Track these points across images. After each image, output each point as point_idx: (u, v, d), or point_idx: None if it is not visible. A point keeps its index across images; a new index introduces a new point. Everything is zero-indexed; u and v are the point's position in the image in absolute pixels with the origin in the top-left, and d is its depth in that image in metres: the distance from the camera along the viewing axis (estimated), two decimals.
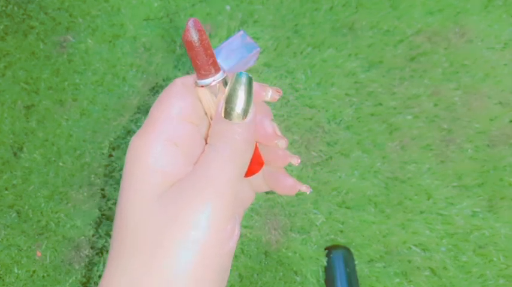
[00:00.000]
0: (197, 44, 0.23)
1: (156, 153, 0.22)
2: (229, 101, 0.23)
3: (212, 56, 0.23)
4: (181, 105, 0.24)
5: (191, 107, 0.24)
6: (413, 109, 1.04)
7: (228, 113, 0.23)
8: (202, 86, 0.24)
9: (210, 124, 0.25)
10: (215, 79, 0.24)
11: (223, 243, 0.21)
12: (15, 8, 1.09)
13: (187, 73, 1.05)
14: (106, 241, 0.95)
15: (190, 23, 0.22)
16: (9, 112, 1.02)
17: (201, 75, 0.24)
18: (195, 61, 0.23)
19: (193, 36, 0.22)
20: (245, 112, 0.23)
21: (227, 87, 0.23)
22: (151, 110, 0.24)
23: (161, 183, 0.22)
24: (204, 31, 0.23)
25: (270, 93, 0.25)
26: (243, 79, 0.23)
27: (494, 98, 1.05)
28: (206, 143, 0.25)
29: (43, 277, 0.93)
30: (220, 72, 0.24)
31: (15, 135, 1.01)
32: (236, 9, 1.09)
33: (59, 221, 0.96)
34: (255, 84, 0.25)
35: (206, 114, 0.25)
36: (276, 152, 0.26)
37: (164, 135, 0.23)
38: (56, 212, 0.96)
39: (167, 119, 0.23)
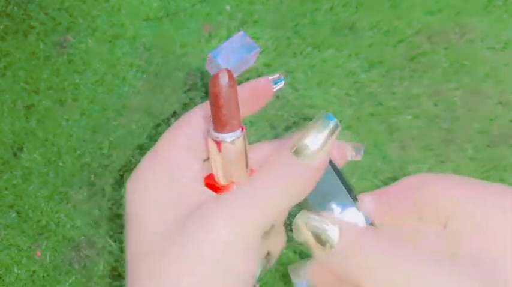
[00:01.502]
0: (228, 94, 0.20)
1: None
2: (306, 137, 0.21)
3: (238, 109, 0.21)
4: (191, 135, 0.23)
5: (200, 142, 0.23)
6: (413, 109, 1.04)
7: (298, 150, 0.21)
8: (217, 140, 0.21)
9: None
10: (236, 136, 0.21)
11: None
12: (15, 8, 1.09)
13: (187, 74, 1.05)
14: (106, 241, 0.95)
15: (222, 74, 0.20)
16: (9, 112, 1.02)
17: (220, 128, 0.21)
18: (220, 112, 0.20)
19: (223, 86, 0.20)
20: (317, 156, 0.21)
21: (310, 123, 0.21)
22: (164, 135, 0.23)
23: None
24: (235, 83, 0.20)
25: (349, 154, 0.24)
26: (331, 123, 0.21)
27: (494, 98, 1.05)
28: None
29: (43, 277, 0.93)
30: (239, 130, 0.21)
31: (15, 135, 1.01)
32: (236, 9, 1.09)
33: (59, 221, 0.96)
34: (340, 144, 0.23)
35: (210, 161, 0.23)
36: None
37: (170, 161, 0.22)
38: (56, 212, 0.96)
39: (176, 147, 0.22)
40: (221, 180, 0.22)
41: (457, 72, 1.06)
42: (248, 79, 0.22)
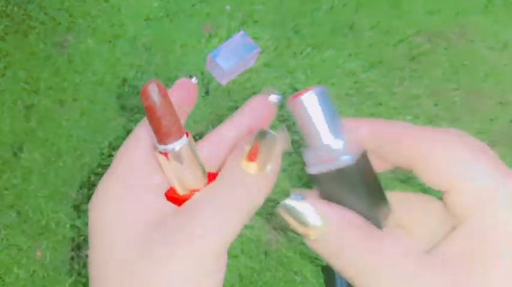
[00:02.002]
0: (162, 105, 0.20)
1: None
2: (255, 157, 0.22)
3: (176, 117, 0.21)
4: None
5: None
6: (413, 109, 1.04)
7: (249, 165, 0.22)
8: (163, 152, 0.21)
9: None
10: (181, 143, 0.21)
11: None
12: (15, 8, 1.09)
13: (188, 73, 1.05)
14: None
15: (151, 86, 0.20)
16: (9, 112, 1.02)
17: (164, 140, 0.21)
18: (159, 124, 0.20)
19: (155, 98, 0.20)
20: (266, 166, 0.22)
21: (252, 137, 0.22)
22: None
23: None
24: (166, 92, 0.21)
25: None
26: (270, 140, 0.22)
27: (494, 98, 1.05)
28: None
29: (43, 277, 0.93)
30: (184, 137, 0.21)
31: (15, 135, 1.01)
32: (236, 9, 1.09)
33: (59, 221, 0.96)
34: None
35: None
36: None
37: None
38: (56, 212, 0.96)
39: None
40: (180, 191, 0.22)
41: (457, 72, 1.06)
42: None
